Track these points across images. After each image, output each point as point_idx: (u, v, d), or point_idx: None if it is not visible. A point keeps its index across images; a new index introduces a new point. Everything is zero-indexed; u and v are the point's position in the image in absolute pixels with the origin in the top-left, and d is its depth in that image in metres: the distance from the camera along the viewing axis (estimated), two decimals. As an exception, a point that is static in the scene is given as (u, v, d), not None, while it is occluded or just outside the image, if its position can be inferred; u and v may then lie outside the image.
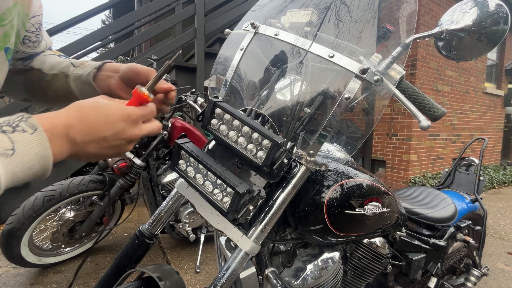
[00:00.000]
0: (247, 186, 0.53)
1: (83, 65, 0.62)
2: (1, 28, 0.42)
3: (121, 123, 0.41)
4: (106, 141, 0.40)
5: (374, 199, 0.78)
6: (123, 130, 0.41)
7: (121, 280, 0.72)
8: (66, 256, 1.94)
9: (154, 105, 0.46)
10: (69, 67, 0.62)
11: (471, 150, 5.15)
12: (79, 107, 0.39)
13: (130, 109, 0.42)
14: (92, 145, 0.39)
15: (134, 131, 0.42)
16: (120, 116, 0.41)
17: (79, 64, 0.62)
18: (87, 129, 0.38)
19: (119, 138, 0.41)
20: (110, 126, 0.40)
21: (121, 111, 0.41)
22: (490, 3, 0.59)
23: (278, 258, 0.82)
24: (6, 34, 0.43)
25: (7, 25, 0.43)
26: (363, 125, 4.51)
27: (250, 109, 0.65)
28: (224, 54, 0.79)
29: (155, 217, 0.74)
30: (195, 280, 1.80)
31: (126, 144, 0.42)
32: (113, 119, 0.40)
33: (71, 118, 0.37)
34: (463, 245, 1.32)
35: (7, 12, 0.42)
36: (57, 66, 0.61)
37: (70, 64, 0.62)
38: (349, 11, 0.73)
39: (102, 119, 0.39)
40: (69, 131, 0.37)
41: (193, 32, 3.41)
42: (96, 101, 0.41)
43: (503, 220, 3.23)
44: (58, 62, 0.62)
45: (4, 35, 0.43)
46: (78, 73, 0.61)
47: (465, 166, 1.60)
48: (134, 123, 0.42)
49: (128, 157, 1.86)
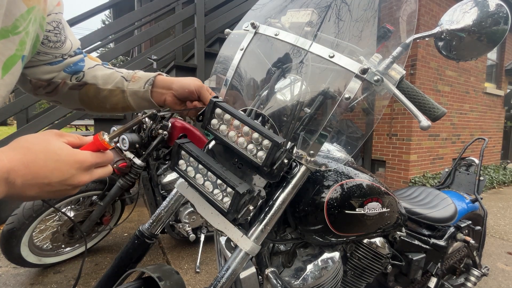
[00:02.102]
0: (247, 186, 0.53)
1: (134, 79, 0.65)
2: (17, 36, 0.41)
3: (71, 170, 0.39)
4: (49, 186, 0.37)
5: (374, 199, 0.78)
6: (72, 177, 0.39)
7: (121, 280, 0.72)
8: (66, 256, 1.94)
9: (112, 153, 0.45)
10: (123, 82, 0.65)
11: (471, 150, 5.15)
12: (28, 149, 0.36)
13: (84, 156, 0.40)
14: (33, 189, 0.36)
15: (83, 177, 0.40)
16: (72, 163, 0.39)
17: (130, 77, 0.65)
18: (31, 174, 0.36)
19: (65, 184, 0.39)
20: (58, 173, 0.37)
21: (74, 157, 0.39)
22: (490, 3, 0.59)
23: (278, 258, 0.82)
24: (22, 42, 0.43)
25: (22, 32, 0.42)
26: (363, 125, 4.51)
27: (250, 109, 0.65)
28: (224, 54, 0.79)
29: (155, 217, 0.74)
30: (195, 280, 1.80)
31: (71, 189, 0.40)
32: (63, 166, 0.38)
33: (15, 161, 0.35)
34: (463, 245, 1.32)
35: (20, 19, 0.41)
36: (110, 80, 0.64)
37: (122, 78, 0.65)
38: (349, 9, 0.73)
39: (51, 165, 0.37)
40: (10, 175, 0.34)
41: (193, 32, 3.41)
42: (48, 144, 0.38)
43: (503, 220, 3.23)
44: (108, 75, 0.65)
45: (20, 43, 0.42)
46: (134, 88, 0.65)
47: (465, 166, 1.60)
48: (85, 169, 0.41)
49: (128, 157, 1.86)
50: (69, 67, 0.61)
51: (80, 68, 0.63)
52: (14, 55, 0.42)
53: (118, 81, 0.65)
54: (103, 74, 0.64)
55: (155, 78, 0.65)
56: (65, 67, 0.60)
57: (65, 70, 0.61)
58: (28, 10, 0.42)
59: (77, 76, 0.62)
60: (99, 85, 0.64)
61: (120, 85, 0.65)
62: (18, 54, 0.43)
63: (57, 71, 0.60)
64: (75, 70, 0.62)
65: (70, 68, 0.61)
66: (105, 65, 0.67)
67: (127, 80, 0.65)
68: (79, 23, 3.07)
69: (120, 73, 0.66)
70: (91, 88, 0.64)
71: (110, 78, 0.64)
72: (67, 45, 0.58)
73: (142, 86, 0.64)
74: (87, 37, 3.07)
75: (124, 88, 0.65)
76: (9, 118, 5.21)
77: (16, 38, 0.41)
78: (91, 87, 0.64)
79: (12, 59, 0.42)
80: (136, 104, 0.66)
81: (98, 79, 0.64)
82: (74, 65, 0.62)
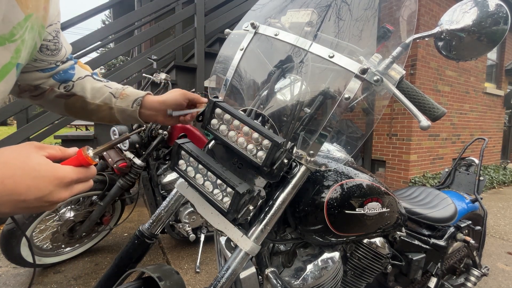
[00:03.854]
0: (247, 186, 0.53)
1: (122, 96, 0.66)
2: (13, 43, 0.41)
3: (50, 186, 0.36)
4: (24, 202, 0.35)
5: (374, 199, 0.78)
6: (50, 194, 0.36)
7: (121, 280, 0.72)
8: (66, 256, 1.94)
9: (95, 169, 0.43)
10: (111, 99, 0.66)
11: (471, 150, 5.15)
12: (5, 164, 0.34)
13: (65, 172, 0.38)
14: (7, 205, 0.34)
15: (62, 194, 0.38)
16: (51, 179, 0.36)
17: (118, 94, 0.66)
18: (7, 190, 0.33)
19: (42, 201, 0.36)
20: (36, 190, 0.35)
21: (53, 173, 0.37)
22: (490, 3, 0.59)
23: (278, 258, 0.82)
24: (18, 50, 0.42)
25: (18, 40, 0.41)
26: (363, 125, 4.51)
27: (250, 109, 0.65)
28: (224, 54, 0.79)
29: (155, 217, 0.74)
30: (195, 280, 1.80)
31: (48, 206, 0.38)
32: (41, 183, 0.36)
33: None
34: (463, 245, 1.32)
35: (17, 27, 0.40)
36: (98, 94, 0.65)
37: (110, 95, 0.66)
38: (349, 9, 0.73)
39: (28, 182, 0.35)
40: None
41: (193, 32, 3.41)
42: (27, 158, 0.36)
43: (503, 220, 3.23)
44: (98, 89, 0.65)
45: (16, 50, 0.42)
46: (121, 106, 0.66)
47: (465, 166, 1.60)
48: (65, 186, 0.38)
49: (128, 157, 1.86)
50: (58, 75, 0.60)
51: (69, 76, 0.62)
52: (9, 63, 0.41)
53: (106, 96, 0.65)
54: (92, 87, 0.65)
55: (143, 99, 0.67)
56: (55, 74, 0.60)
57: (54, 78, 0.60)
58: (25, 17, 0.41)
59: (66, 85, 0.62)
60: (87, 98, 0.64)
61: (108, 101, 0.65)
62: (13, 62, 0.42)
63: (47, 78, 0.59)
64: (64, 79, 0.61)
65: (60, 75, 0.60)
66: (95, 76, 0.67)
67: (115, 97, 0.66)
68: (79, 23, 3.07)
69: (109, 89, 0.66)
70: (79, 99, 0.64)
71: (99, 93, 0.65)
72: (62, 52, 0.59)
73: (130, 105, 0.66)
74: (87, 37, 3.07)
75: (112, 105, 0.66)
76: (9, 118, 5.21)
77: (12, 45, 0.41)
78: (79, 99, 0.64)
79: (7, 67, 0.41)
80: (124, 120, 0.68)
81: (87, 92, 0.64)
82: (64, 73, 0.61)
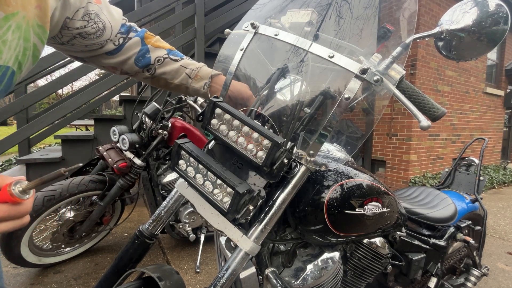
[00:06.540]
0: (247, 186, 0.53)
1: (197, 78, 0.76)
2: None
3: None
4: None
5: (374, 199, 0.78)
6: None
7: (121, 280, 0.72)
8: (66, 256, 1.94)
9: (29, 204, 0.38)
10: (187, 80, 0.76)
11: (471, 150, 5.15)
12: None
13: None
14: None
15: None
16: None
17: (194, 76, 0.76)
18: None
19: None
20: None
21: None
22: (490, 3, 0.59)
23: (278, 258, 0.82)
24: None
25: None
26: (363, 125, 4.51)
27: (250, 109, 0.65)
28: (224, 54, 0.79)
29: (155, 217, 0.74)
30: (195, 280, 1.80)
31: None
32: None
33: None
34: (463, 245, 1.32)
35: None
36: (176, 75, 0.75)
37: (187, 76, 0.75)
38: (350, 7, 0.73)
39: None
40: None
41: (193, 32, 3.40)
42: None
43: (503, 220, 3.23)
44: (176, 70, 0.75)
45: None
46: (195, 87, 0.76)
47: (465, 166, 1.60)
48: None
49: (128, 157, 1.86)
50: (139, 62, 0.69)
51: (148, 61, 0.71)
52: None
53: (183, 77, 0.75)
54: (171, 69, 0.74)
55: (211, 80, 0.76)
56: (127, 55, 0.67)
57: (136, 64, 0.69)
58: (5, 16, 0.38)
59: (149, 68, 0.72)
60: (168, 79, 0.75)
61: (184, 82, 0.75)
62: None
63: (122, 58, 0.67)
64: (145, 64, 0.71)
65: (141, 62, 0.70)
66: (171, 55, 0.74)
67: (191, 78, 0.75)
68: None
69: (185, 69, 0.75)
70: (162, 79, 0.75)
71: (177, 74, 0.75)
72: (107, 31, 0.60)
73: (203, 87, 0.75)
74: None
75: (188, 85, 0.76)
76: (9, 118, 5.21)
77: None
78: (162, 79, 0.75)
79: None
80: (199, 95, 0.78)
81: (167, 74, 0.74)
82: (142, 58, 0.69)
